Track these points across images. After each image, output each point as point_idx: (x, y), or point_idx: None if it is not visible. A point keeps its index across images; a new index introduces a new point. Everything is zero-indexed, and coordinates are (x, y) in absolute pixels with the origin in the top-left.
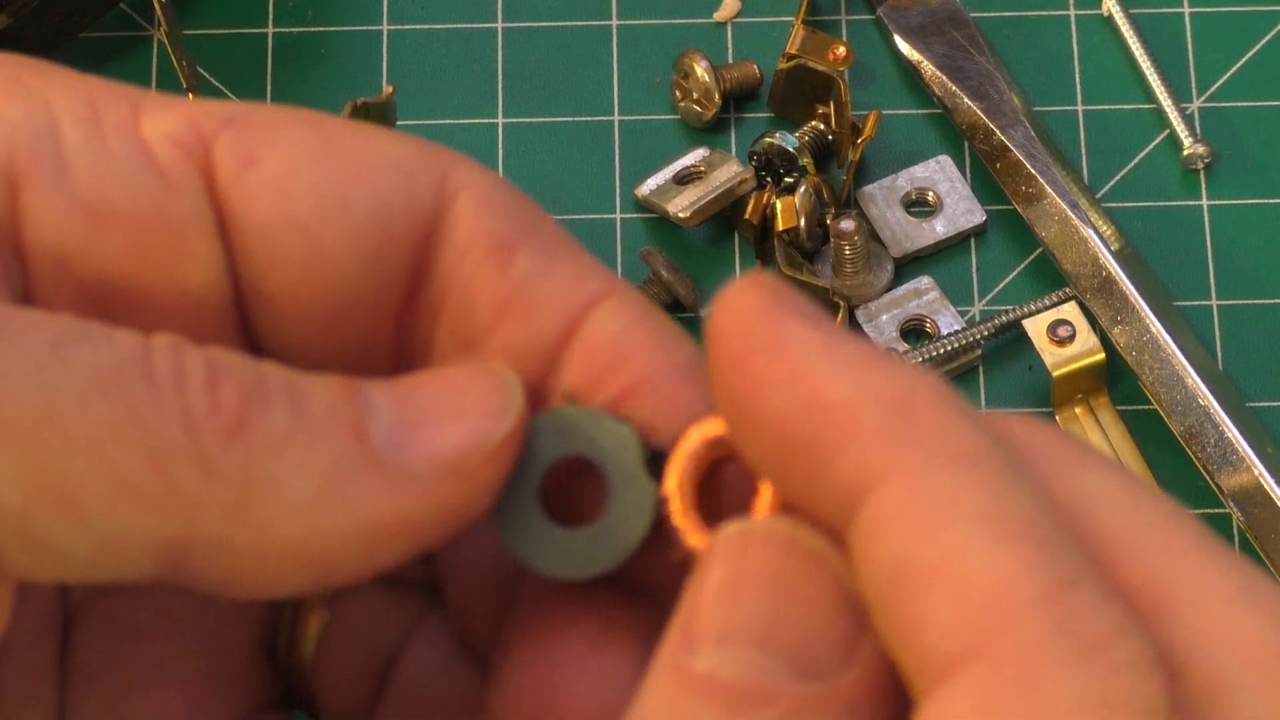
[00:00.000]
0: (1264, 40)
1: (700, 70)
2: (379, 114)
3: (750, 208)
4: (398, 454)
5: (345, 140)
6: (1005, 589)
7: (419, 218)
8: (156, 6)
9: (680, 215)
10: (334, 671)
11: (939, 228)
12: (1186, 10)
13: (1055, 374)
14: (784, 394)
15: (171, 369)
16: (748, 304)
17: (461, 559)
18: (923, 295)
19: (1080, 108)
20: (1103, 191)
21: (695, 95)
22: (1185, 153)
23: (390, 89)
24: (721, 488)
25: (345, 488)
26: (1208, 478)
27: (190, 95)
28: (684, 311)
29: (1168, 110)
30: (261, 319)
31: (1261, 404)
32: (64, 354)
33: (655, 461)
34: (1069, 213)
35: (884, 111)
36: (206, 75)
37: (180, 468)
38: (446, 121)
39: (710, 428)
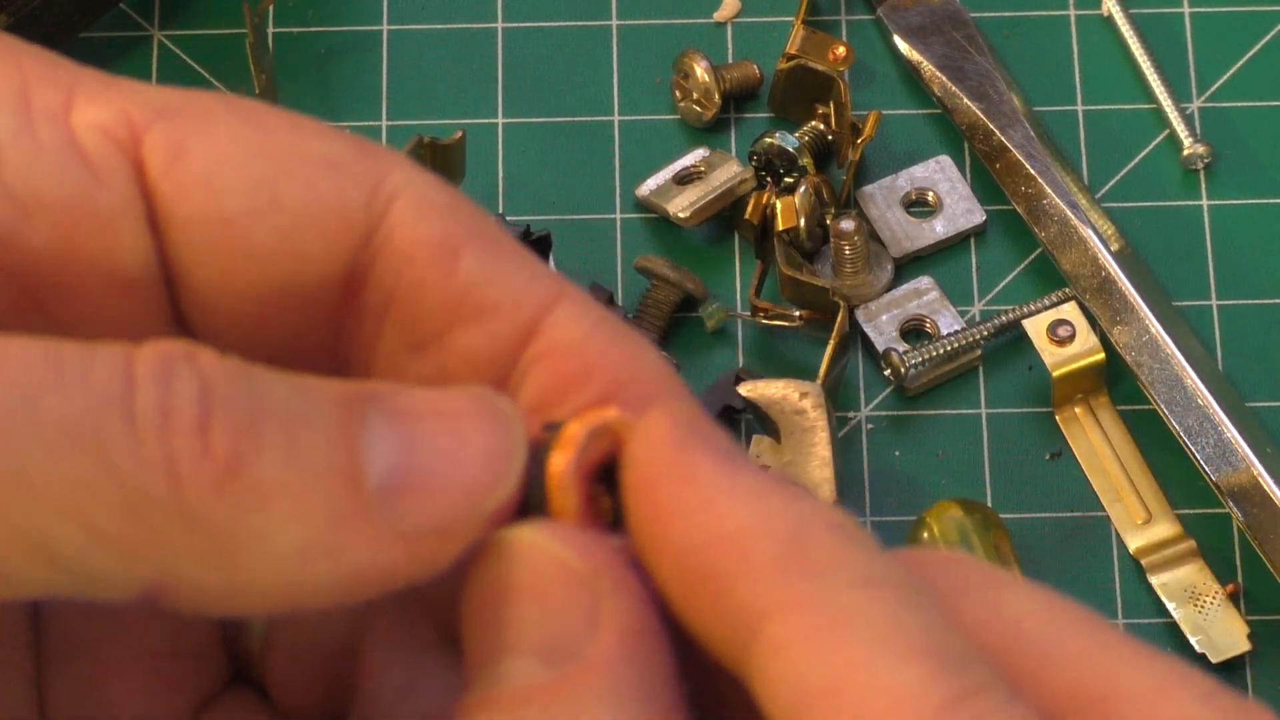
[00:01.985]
0: (1264, 40)
1: (700, 70)
2: (444, 156)
3: (750, 208)
4: (390, 507)
5: (279, 135)
6: (909, 700)
7: (353, 218)
8: (248, 24)
9: (680, 215)
10: (283, 668)
11: (939, 228)
12: (1186, 10)
13: (1055, 374)
14: (687, 524)
15: (156, 408)
16: (661, 434)
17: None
18: (923, 295)
19: (1080, 108)
20: (1102, 191)
21: (695, 95)
22: (1185, 153)
23: (460, 134)
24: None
25: (332, 541)
26: (1207, 478)
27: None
28: (695, 308)
29: (1167, 110)
30: (192, 311)
31: (1261, 404)
32: (34, 405)
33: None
34: (1068, 213)
35: (884, 111)
36: (206, 75)
37: (160, 519)
38: (446, 121)
39: (593, 417)
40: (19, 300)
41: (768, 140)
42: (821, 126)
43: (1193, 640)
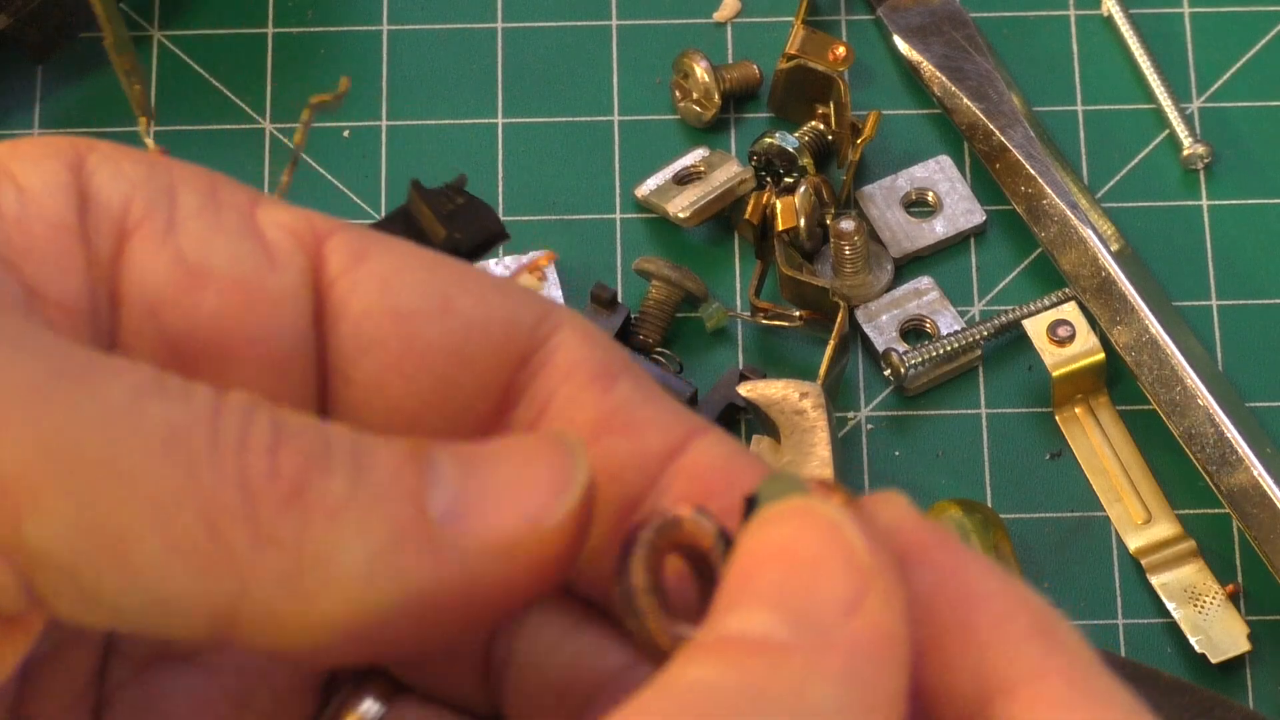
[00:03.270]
0: (1264, 40)
1: (700, 70)
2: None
3: (750, 208)
4: (453, 529)
5: (455, 263)
6: None
7: (518, 336)
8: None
9: (680, 215)
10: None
11: (939, 228)
12: (1186, 10)
13: (1055, 374)
14: (948, 579)
15: (237, 431)
16: (908, 512)
17: (526, 683)
18: (923, 295)
19: (1080, 108)
20: (1102, 191)
21: (695, 95)
22: (1185, 153)
23: (346, 81)
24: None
25: (396, 560)
26: (1207, 478)
27: (142, 120)
28: (695, 308)
29: (1167, 110)
30: (344, 409)
31: (1261, 404)
32: (140, 407)
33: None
34: (1068, 213)
35: (884, 111)
36: (206, 75)
37: (234, 533)
38: (446, 121)
39: (672, 512)
40: (166, 363)
41: (768, 140)
42: (821, 126)
43: (1193, 640)
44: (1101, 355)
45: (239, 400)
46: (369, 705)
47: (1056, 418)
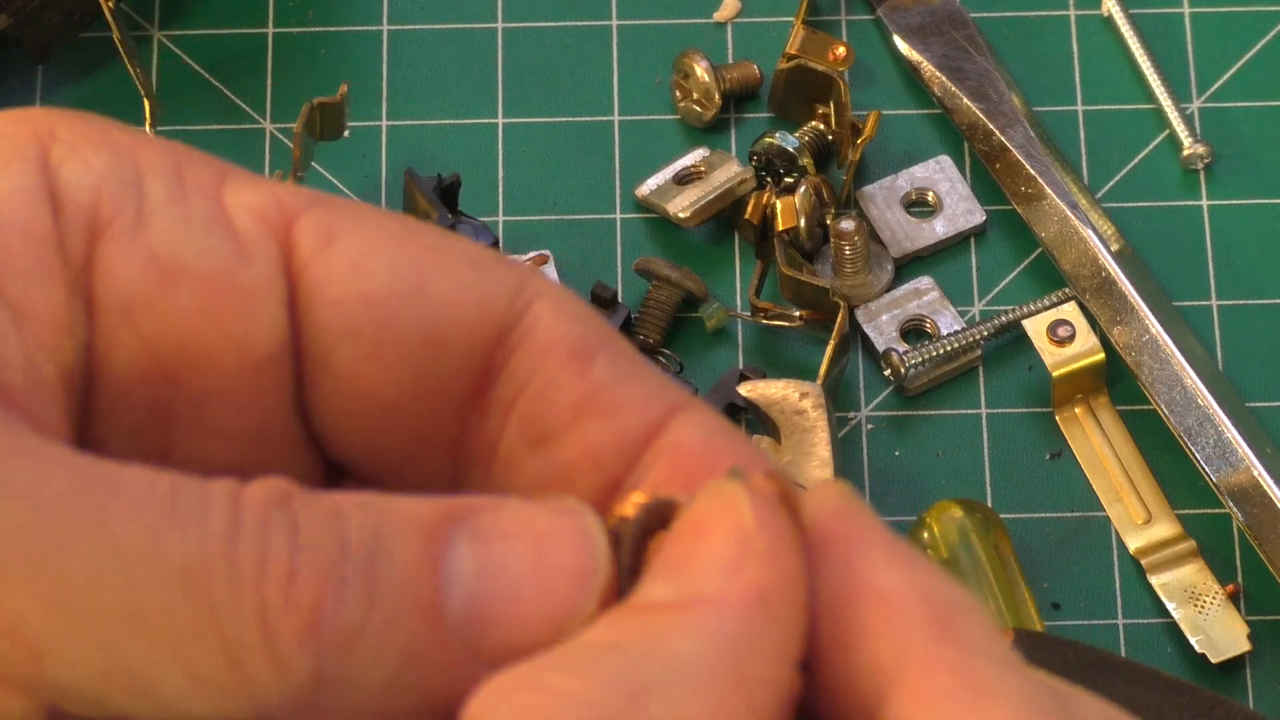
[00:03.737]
0: (1264, 40)
1: (700, 70)
2: (333, 115)
3: (750, 208)
4: (471, 634)
5: (427, 234)
6: None
7: (493, 314)
8: (106, 12)
9: (680, 215)
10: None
11: (939, 228)
12: (1186, 10)
13: (1055, 374)
14: (847, 575)
15: (255, 558)
16: (836, 501)
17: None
18: (923, 295)
19: (1080, 108)
20: (1102, 191)
21: (695, 95)
22: (1185, 153)
23: (345, 88)
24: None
25: (414, 676)
26: (1207, 478)
27: (146, 104)
28: (696, 308)
29: (1167, 110)
30: (322, 399)
31: (1261, 404)
32: (157, 547)
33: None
34: (1068, 213)
35: (884, 111)
36: (206, 75)
37: (255, 666)
38: (446, 121)
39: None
40: (148, 369)
41: (768, 140)
42: (821, 126)
43: (1193, 640)
44: (1101, 355)
45: (257, 507)
46: None
47: (1056, 418)
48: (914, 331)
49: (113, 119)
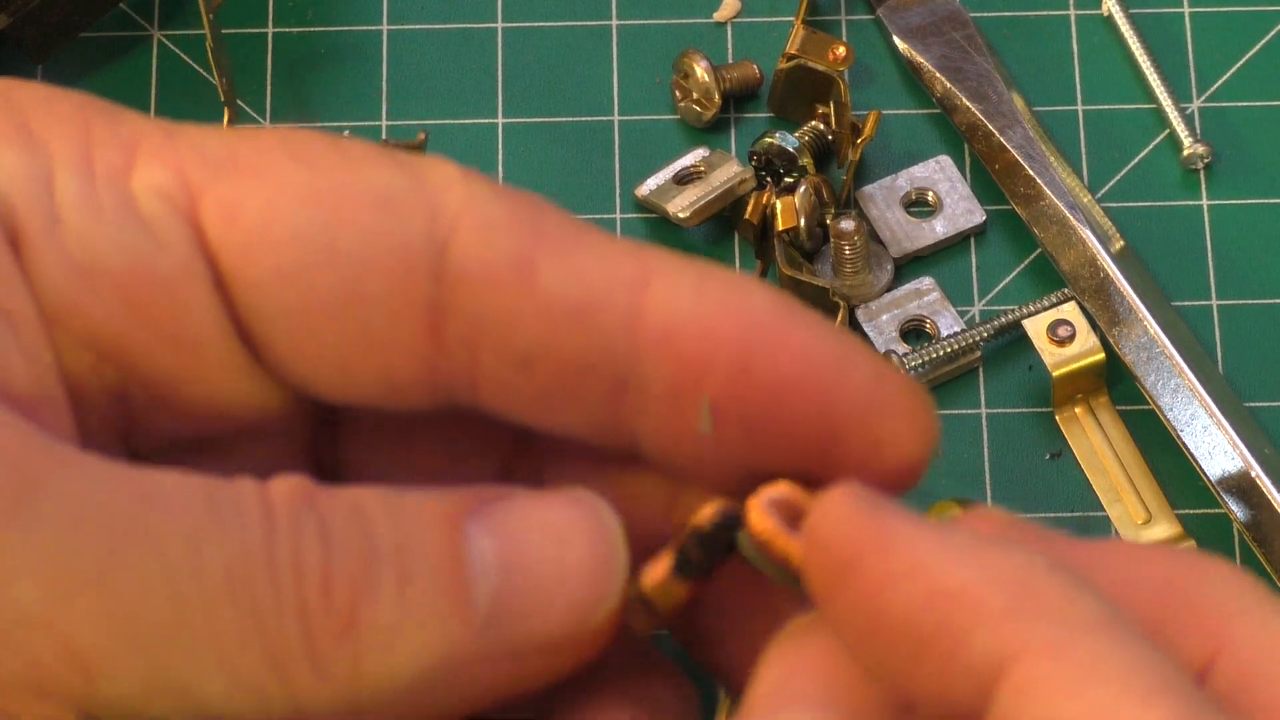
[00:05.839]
0: (1264, 40)
1: (700, 70)
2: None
3: (750, 208)
4: (500, 628)
5: (329, 174)
6: None
7: (415, 255)
8: (205, 24)
9: (680, 215)
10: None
11: (939, 228)
12: (1186, 10)
13: (1055, 374)
14: (905, 587)
15: (291, 557)
16: (847, 511)
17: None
18: (923, 295)
19: (1080, 108)
20: (1102, 192)
21: (695, 95)
22: (1185, 153)
23: (423, 136)
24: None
25: (448, 669)
26: (1206, 478)
27: (226, 111)
28: None
29: (1167, 110)
30: (281, 368)
31: (1261, 404)
32: (198, 553)
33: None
34: (1067, 213)
35: (884, 111)
36: (206, 75)
37: (295, 667)
38: (446, 121)
39: (771, 493)
40: (97, 365)
41: (768, 140)
42: (821, 126)
43: None
44: (1101, 355)
45: (286, 507)
46: None
47: (1056, 418)
48: (914, 332)
49: (24, 82)
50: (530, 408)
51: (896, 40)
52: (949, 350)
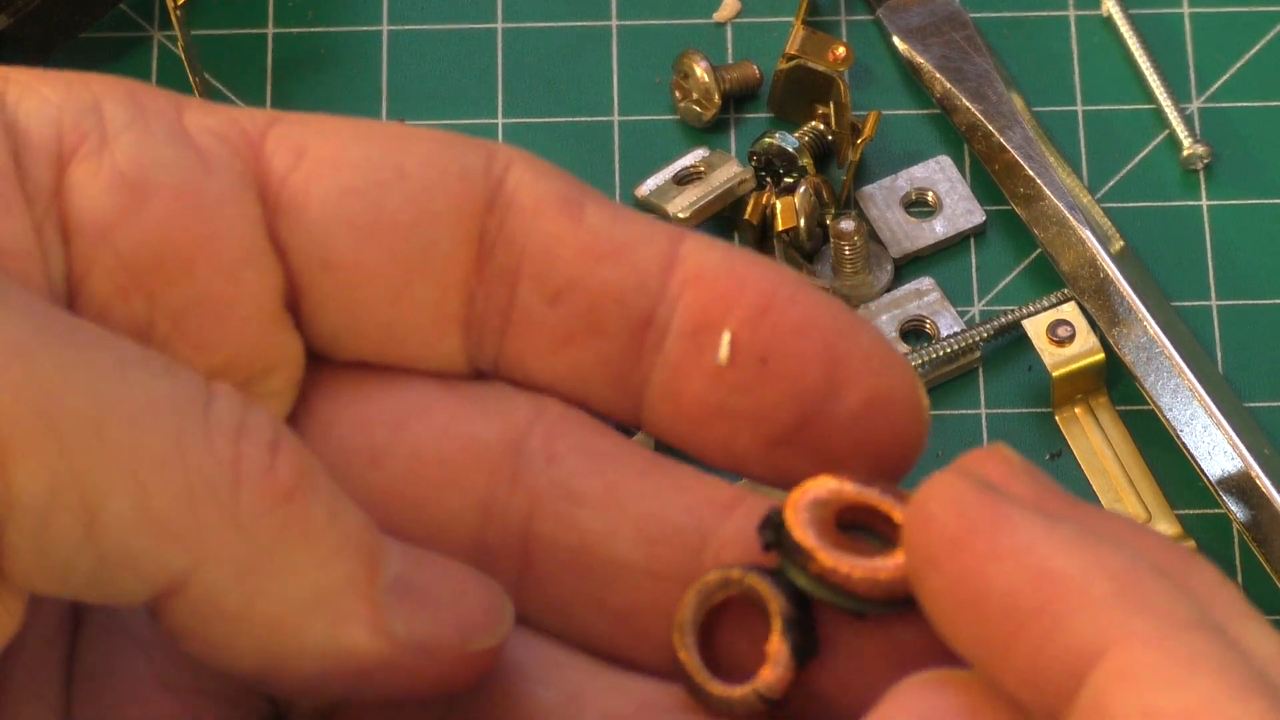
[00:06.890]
0: (1264, 40)
1: (700, 70)
2: None
3: (750, 208)
4: (393, 607)
5: (391, 128)
6: None
7: (475, 184)
8: (174, 20)
9: (680, 216)
10: None
11: (939, 228)
12: (1186, 10)
13: (1055, 374)
14: (1011, 564)
15: (233, 420)
16: (960, 488)
17: None
18: (923, 296)
19: (1079, 108)
20: (1102, 192)
21: (695, 95)
22: (1185, 153)
23: None
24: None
25: (337, 607)
26: (1205, 478)
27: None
28: None
29: (1167, 110)
30: (326, 297)
31: (1261, 404)
32: (125, 375)
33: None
34: (1067, 214)
35: (884, 112)
36: (206, 75)
37: (209, 510)
38: (446, 121)
39: (815, 489)
40: (127, 287)
41: (768, 140)
42: (821, 126)
43: None
44: (1101, 355)
45: (229, 390)
46: None
47: (1056, 418)
48: (914, 332)
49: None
50: (552, 351)
51: (896, 40)
52: (949, 350)
